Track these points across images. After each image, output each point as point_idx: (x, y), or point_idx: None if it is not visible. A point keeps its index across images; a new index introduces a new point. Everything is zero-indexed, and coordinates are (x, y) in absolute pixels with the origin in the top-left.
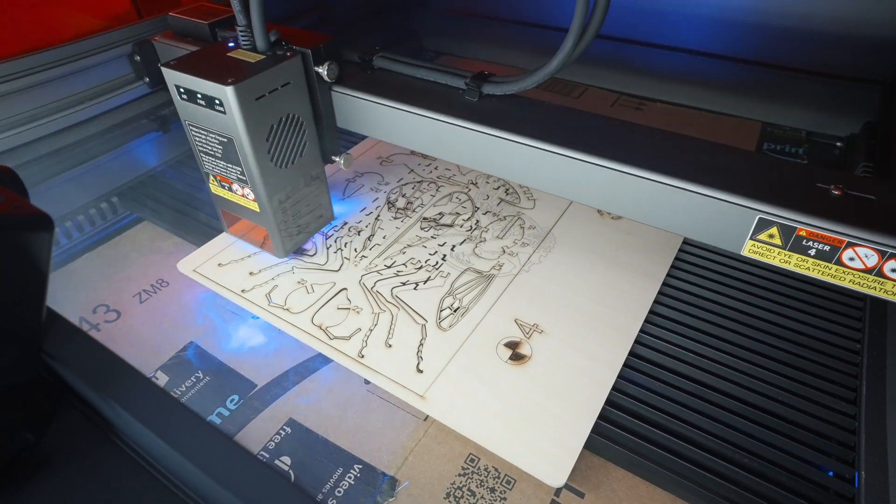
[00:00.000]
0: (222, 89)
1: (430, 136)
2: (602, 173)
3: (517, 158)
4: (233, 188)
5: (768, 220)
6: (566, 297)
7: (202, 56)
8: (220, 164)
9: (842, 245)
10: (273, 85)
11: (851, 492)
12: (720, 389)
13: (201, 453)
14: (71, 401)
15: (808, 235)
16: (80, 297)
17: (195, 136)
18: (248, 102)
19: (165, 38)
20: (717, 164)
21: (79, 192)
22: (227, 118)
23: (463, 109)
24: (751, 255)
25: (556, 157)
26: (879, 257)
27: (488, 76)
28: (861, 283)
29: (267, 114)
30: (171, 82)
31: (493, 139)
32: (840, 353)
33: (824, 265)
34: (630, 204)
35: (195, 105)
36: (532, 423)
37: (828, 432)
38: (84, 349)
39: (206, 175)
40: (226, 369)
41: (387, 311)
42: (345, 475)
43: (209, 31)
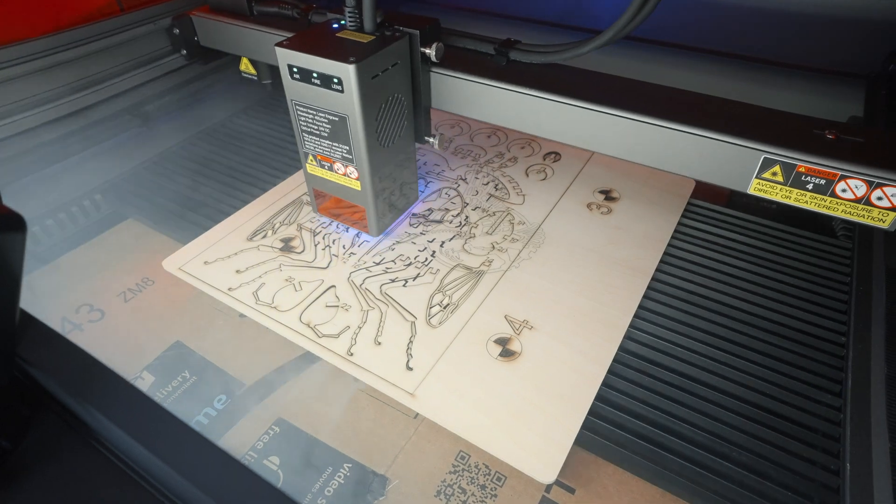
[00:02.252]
0: (344, 68)
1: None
2: (623, 124)
3: (548, 114)
4: (334, 167)
5: (772, 159)
6: (556, 292)
7: (312, 36)
8: (325, 144)
9: (835, 178)
10: (385, 65)
11: (837, 483)
12: (708, 383)
13: (183, 458)
14: (49, 406)
15: (807, 171)
16: (62, 297)
17: (301, 116)
18: (366, 81)
19: (203, 12)
20: (725, 114)
21: (61, 188)
22: (345, 97)
23: (502, 74)
24: (756, 192)
25: (581, 111)
26: (867, 187)
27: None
28: (852, 212)
29: (378, 93)
30: (283, 62)
31: (530, 98)
32: (826, 346)
33: (820, 198)
34: (648, 151)
35: (308, 84)
36: (522, 419)
37: (814, 424)
38: (61, 353)
39: (303, 155)
40: (213, 369)
41: (376, 308)
42: (334, 474)
43: (247, 6)
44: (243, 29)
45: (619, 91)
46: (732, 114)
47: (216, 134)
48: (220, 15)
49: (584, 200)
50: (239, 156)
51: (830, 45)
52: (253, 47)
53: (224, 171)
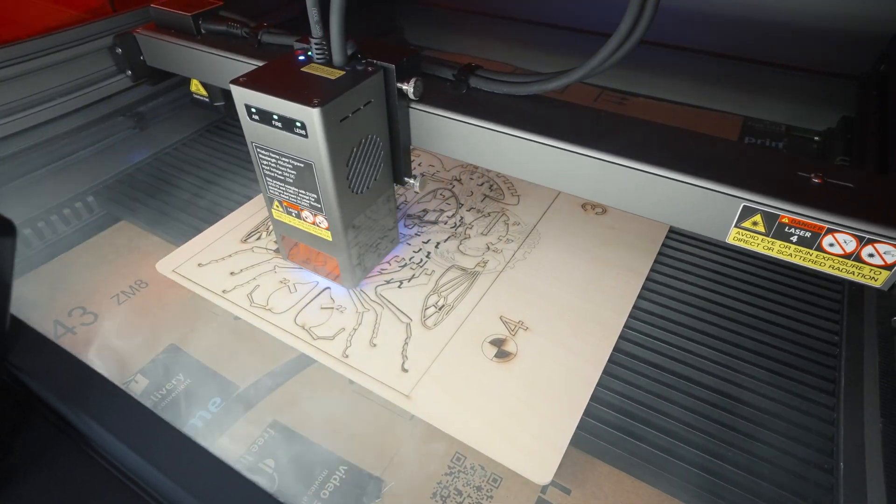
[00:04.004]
0: (308, 111)
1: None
2: (589, 163)
3: (505, 150)
4: (302, 216)
5: (752, 207)
6: (551, 293)
7: (273, 71)
8: (290, 191)
9: (822, 231)
10: (356, 104)
11: (831, 482)
12: (703, 383)
13: (175, 464)
14: (40, 412)
15: (791, 222)
16: (55, 300)
17: (263, 160)
18: (333, 125)
19: (147, 30)
20: (702, 154)
21: (53, 190)
22: (309, 142)
23: (452, 102)
24: (735, 242)
25: (544, 147)
26: (857, 243)
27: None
28: (840, 268)
29: (349, 136)
30: (240, 101)
31: (483, 131)
32: (819, 345)
33: (805, 251)
34: (617, 194)
35: (269, 127)
36: (518, 420)
37: (807, 423)
38: (52, 359)
39: (268, 200)
40: (207, 371)
41: (371, 310)
42: (330, 477)
43: (192, 24)
44: (189, 49)
45: (586, 125)
46: (712, 153)
47: (210, 135)
48: (166, 33)
49: (579, 201)
50: (233, 157)
51: (822, 46)
52: (200, 69)
53: (218, 172)
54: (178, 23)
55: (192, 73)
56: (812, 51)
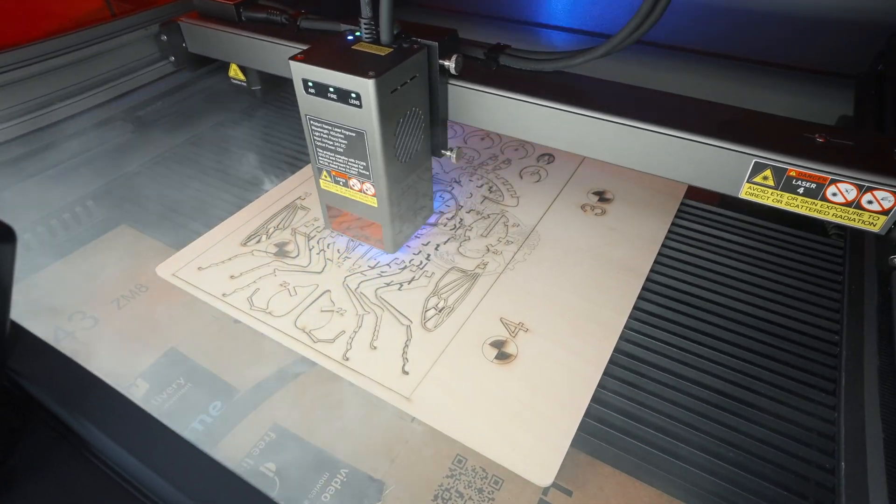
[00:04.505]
0: (364, 83)
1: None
2: (611, 128)
3: (534, 119)
4: (349, 183)
5: (763, 163)
6: (551, 294)
7: (326, 49)
8: (340, 160)
9: (826, 182)
10: (404, 78)
11: (832, 482)
12: (703, 383)
13: (177, 469)
14: (40, 417)
15: (798, 175)
16: (55, 305)
17: (316, 132)
18: (385, 96)
19: (190, 18)
20: (715, 118)
21: (53, 194)
22: (363, 112)
23: (485, 77)
24: (748, 196)
25: (569, 115)
26: (858, 191)
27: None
28: (843, 215)
29: (397, 108)
30: (297, 76)
31: (514, 102)
32: (820, 345)
33: (811, 202)
34: (637, 156)
35: (324, 99)
36: (519, 422)
37: (809, 423)
38: (52, 364)
39: (317, 171)
40: (208, 375)
41: (371, 312)
42: (331, 480)
43: (235, 13)
44: (231, 35)
45: (609, 96)
46: (723, 118)
47: (209, 138)
48: (208, 21)
49: (579, 202)
50: (232, 160)
51: (820, 46)
52: (241, 54)
53: (217, 175)
54: (221, 11)
55: (233, 58)
56: (810, 51)
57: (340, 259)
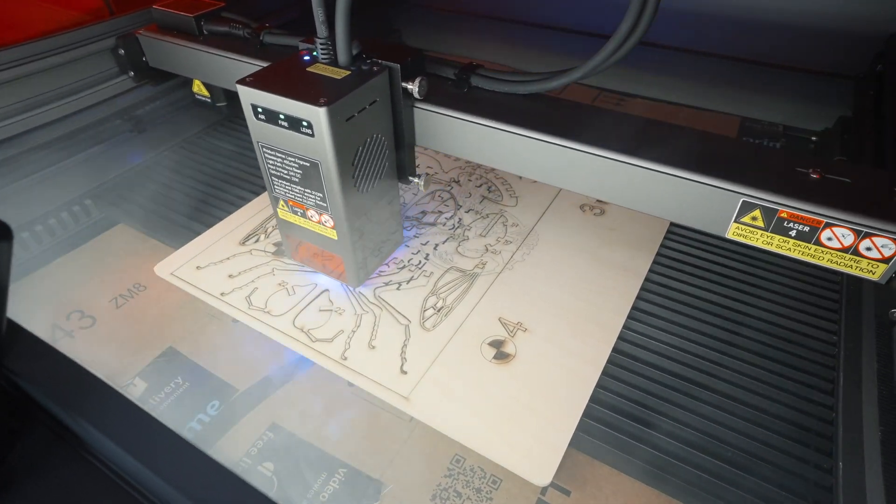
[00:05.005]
0: (314, 111)
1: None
2: (589, 160)
3: (506, 147)
4: (308, 214)
5: (751, 203)
6: (550, 294)
7: (279, 72)
8: (296, 190)
9: (820, 226)
10: (362, 104)
11: (830, 481)
12: (702, 384)
13: (176, 469)
14: (38, 417)
15: (790, 217)
16: (53, 304)
17: (269, 160)
18: (339, 124)
19: (150, 31)
20: (702, 151)
21: (51, 194)
22: (315, 142)
23: (454, 100)
24: (735, 237)
25: (544, 145)
26: (855, 237)
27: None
28: (839, 262)
29: (354, 135)
30: (246, 101)
31: (484, 128)
32: (818, 345)
33: (804, 245)
34: (617, 190)
35: (275, 127)
36: (517, 422)
37: (807, 423)
38: (50, 363)
39: (274, 200)
40: (206, 374)
41: (370, 312)
42: (329, 480)
43: (195, 25)
44: (192, 50)
45: (587, 123)
46: (711, 149)
47: (208, 138)
48: (168, 34)
49: (578, 202)
50: (231, 159)
51: (819, 46)
52: (203, 70)
53: (216, 175)
54: (181, 24)
55: (194, 74)
56: (809, 51)
57: None
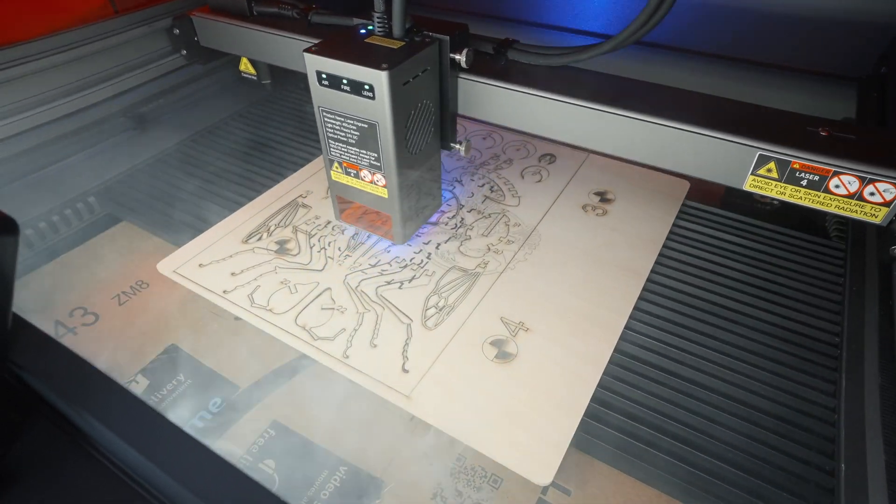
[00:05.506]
0: (377, 74)
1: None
2: (618, 122)
3: (543, 112)
4: (360, 175)
5: (767, 156)
6: (551, 294)
7: (340, 42)
8: (352, 151)
9: (829, 174)
10: (416, 71)
11: (832, 483)
12: (703, 384)
13: (178, 463)
14: (42, 411)
15: (801, 168)
16: (56, 301)
17: (328, 123)
18: (397, 88)
19: (202, 12)
20: (720, 112)
21: (55, 191)
22: (376, 104)
23: (494, 71)
24: (752, 188)
25: (577, 108)
26: (860, 183)
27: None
28: (845, 207)
29: (409, 100)
30: (311, 68)
31: (523, 96)
32: (820, 346)
33: (814, 194)
34: (644, 149)
35: (338, 91)
36: (518, 421)
37: (808, 425)
38: (54, 357)
39: (328, 162)
40: (207, 372)
41: (371, 310)
42: (330, 477)
43: (246, 7)
44: (243, 29)
45: (615, 90)
46: (728, 111)
47: (211, 136)
48: (220, 15)
49: (580, 202)
50: (234, 158)
51: (823, 48)
52: (253, 47)
53: (219, 173)
54: (232, 5)
55: (245, 52)
56: (813, 53)
57: (341, 257)
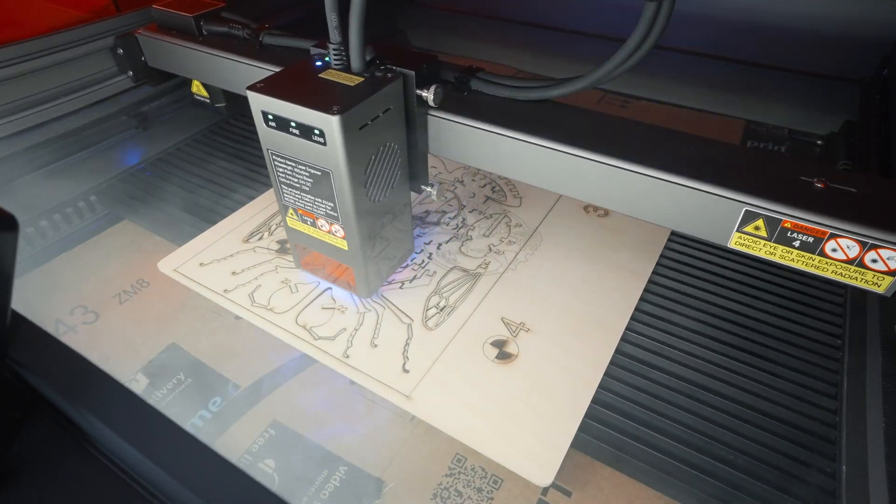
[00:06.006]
0: (327, 119)
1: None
2: (592, 167)
3: (506, 152)
4: (318, 224)
5: (754, 212)
6: (553, 295)
7: (290, 78)
8: (307, 199)
9: (825, 237)
10: (376, 112)
11: (833, 486)
12: (704, 386)
13: (178, 461)
14: (42, 409)
15: (793, 227)
16: (57, 299)
17: (279, 167)
18: (352, 133)
19: (149, 31)
20: (705, 158)
21: (56, 189)
22: (327, 150)
23: (455, 105)
24: (737, 247)
25: (544, 150)
26: (860, 248)
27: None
28: (843, 273)
29: (367, 144)
30: (256, 108)
31: (484, 133)
32: (821, 348)
33: (808, 256)
34: (619, 198)
35: (286, 134)
36: (519, 422)
37: (810, 427)
38: (54, 355)
39: (283, 208)
40: (208, 371)
41: (372, 310)
42: (330, 477)
43: (194, 25)
44: (191, 50)
45: (589, 129)
46: (713, 157)
47: (213, 135)
48: (167, 34)
49: (581, 203)
50: (236, 157)
51: (825, 50)
52: (202, 70)
53: (220, 172)
54: (180, 24)
55: (193, 74)
56: (815, 54)
57: None
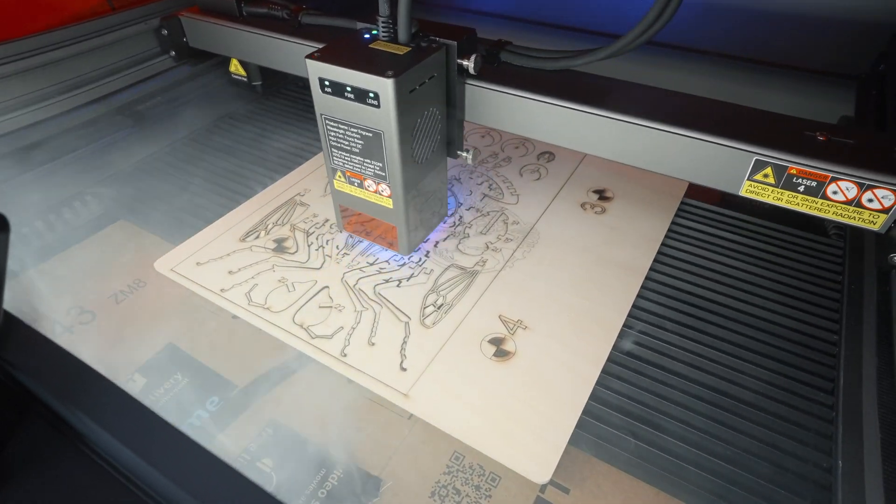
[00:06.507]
0: (382, 82)
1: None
2: (615, 125)
3: (536, 116)
4: (365, 184)
5: (763, 161)
6: (550, 292)
7: (343, 48)
8: (356, 160)
9: (826, 180)
10: (422, 78)
11: (829, 481)
12: (702, 382)
13: (173, 462)
14: (36, 410)
15: (798, 173)
16: (53, 299)
17: (331, 131)
18: (404, 96)
19: (191, 12)
20: (717, 116)
21: (51, 189)
22: (380, 112)
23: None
24: (748, 194)
25: (571, 112)
26: (858, 189)
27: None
28: (843, 213)
29: (415, 108)
30: (314, 75)
31: (516, 98)
32: (819, 344)
33: (812, 200)
34: (639, 153)
35: (341, 99)
36: (517, 419)
37: (806, 422)
38: (47, 356)
39: (331, 171)
40: (205, 370)
41: (369, 308)
42: (328, 476)
43: (236, 7)
44: (232, 30)
45: (612, 94)
46: (724, 115)
47: (209, 134)
48: (209, 16)
49: (578, 200)
50: (232, 156)
51: (822, 46)
52: (242, 49)
53: (217, 171)
54: (221, 5)
55: (234, 53)
56: (812, 51)
57: (339, 255)
